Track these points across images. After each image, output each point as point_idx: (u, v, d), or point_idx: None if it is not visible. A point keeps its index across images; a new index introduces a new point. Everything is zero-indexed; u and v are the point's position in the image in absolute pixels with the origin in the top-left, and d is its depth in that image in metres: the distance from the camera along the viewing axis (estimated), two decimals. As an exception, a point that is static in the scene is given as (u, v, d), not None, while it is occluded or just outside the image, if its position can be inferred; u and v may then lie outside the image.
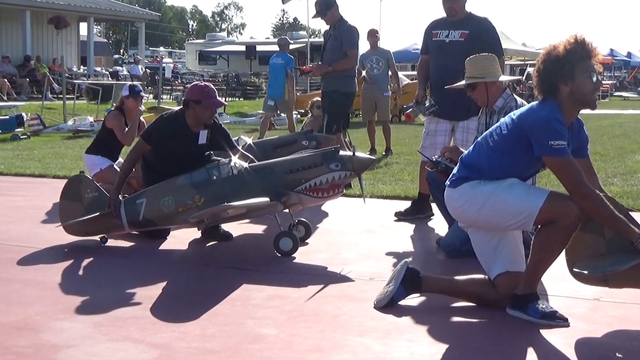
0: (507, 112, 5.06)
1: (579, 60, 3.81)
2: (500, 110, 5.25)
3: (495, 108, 5.29)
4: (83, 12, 30.46)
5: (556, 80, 3.82)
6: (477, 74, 5.25)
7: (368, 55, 12.27)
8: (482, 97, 5.29)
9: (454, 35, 6.39)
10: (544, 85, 3.88)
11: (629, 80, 44.01)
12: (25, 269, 5.17)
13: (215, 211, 5.19)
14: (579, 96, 3.82)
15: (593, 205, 3.72)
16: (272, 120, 18.45)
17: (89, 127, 15.46)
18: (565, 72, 3.80)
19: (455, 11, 6.41)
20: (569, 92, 3.81)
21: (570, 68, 3.80)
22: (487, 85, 5.23)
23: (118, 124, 7.19)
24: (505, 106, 5.24)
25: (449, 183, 4.14)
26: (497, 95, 5.27)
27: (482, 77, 5.22)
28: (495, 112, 5.29)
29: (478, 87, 5.26)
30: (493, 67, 5.28)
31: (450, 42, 6.39)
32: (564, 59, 3.82)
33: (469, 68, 5.33)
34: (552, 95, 3.85)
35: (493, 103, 5.28)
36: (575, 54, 3.82)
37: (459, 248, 5.21)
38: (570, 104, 3.84)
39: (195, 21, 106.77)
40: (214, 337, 3.73)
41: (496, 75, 5.25)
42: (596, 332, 3.81)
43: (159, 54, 52.21)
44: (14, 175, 9.78)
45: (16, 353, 3.50)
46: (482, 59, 5.34)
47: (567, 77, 3.80)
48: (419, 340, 3.69)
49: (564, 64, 3.81)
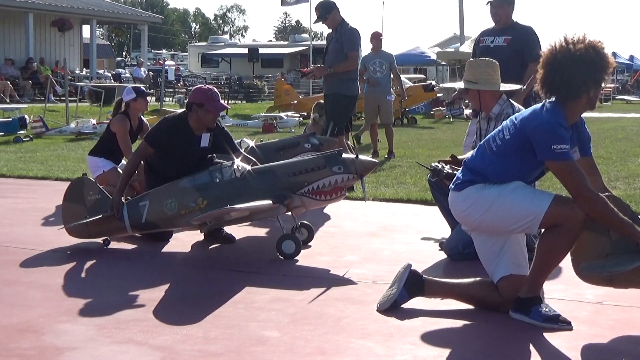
0: (504, 118, 5.08)
1: (604, 67, 3.80)
2: (497, 116, 5.29)
3: (491, 115, 5.33)
4: (86, 15, 30.51)
5: (587, 87, 3.77)
6: (472, 79, 5.29)
7: (371, 58, 12.27)
8: (474, 102, 5.39)
9: (498, 40, 6.89)
10: (566, 88, 3.79)
11: (631, 83, 43.96)
12: (28, 271, 5.18)
13: (218, 214, 5.19)
14: (593, 103, 3.83)
15: (597, 209, 3.72)
16: (275, 123, 18.50)
17: (91, 129, 15.48)
18: (597, 78, 3.79)
19: (500, 17, 6.91)
20: (588, 98, 3.81)
21: (601, 75, 3.79)
22: (479, 92, 5.28)
23: (122, 129, 7.19)
24: (501, 113, 5.28)
25: (453, 186, 4.14)
26: (491, 102, 5.31)
27: (475, 83, 5.26)
28: (492, 118, 5.33)
29: (470, 91, 5.35)
30: (489, 74, 5.28)
31: (494, 47, 6.83)
32: (596, 67, 3.78)
33: (466, 71, 5.39)
34: (573, 100, 3.81)
35: (487, 109, 5.33)
36: (603, 60, 3.80)
37: (462, 251, 5.22)
38: (580, 108, 3.84)
39: (197, 24, 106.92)
40: (216, 339, 3.73)
41: (489, 83, 5.27)
42: (599, 336, 3.80)
43: (161, 57, 52.28)
44: (16, 178, 9.78)
45: (19, 355, 3.50)
46: (480, 64, 5.38)
47: (597, 84, 3.79)
48: (422, 343, 3.69)
49: (596, 71, 3.78)
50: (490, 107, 5.32)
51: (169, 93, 28.87)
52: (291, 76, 34.38)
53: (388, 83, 12.39)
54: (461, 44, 30.79)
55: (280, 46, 47.08)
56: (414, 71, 37.81)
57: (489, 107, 5.32)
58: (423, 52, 35.62)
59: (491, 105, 5.31)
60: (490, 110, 5.33)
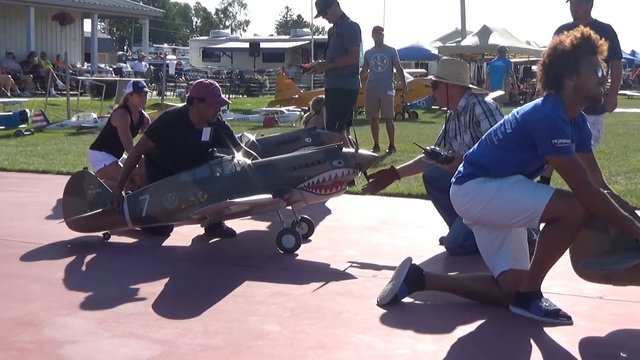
0: (470, 109, 5.36)
1: (584, 55, 3.82)
2: (464, 109, 5.44)
3: (459, 109, 5.46)
4: (87, 9, 30.49)
5: (561, 75, 3.83)
6: (442, 75, 5.45)
7: (372, 52, 12.25)
8: (442, 97, 5.48)
9: None
10: (549, 80, 3.88)
11: (632, 78, 43.89)
12: (28, 264, 5.18)
13: (218, 208, 5.19)
14: (584, 91, 3.82)
15: (597, 204, 3.72)
16: (276, 118, 18.49)
17: (92, 123, 15.47)
18: (570, 66, 3.81)
19: (579, 14, 6.88)
20: (573, 87, 3.82)
21: (576, 62, 3.81)
22: (447, 87, 5.40)
23: (123, 123, 7.18)
24: (467, 105, 5.43)
25: (454, 180, 4.14)
26: (457, 98, 5.44)
27: (443, 78, 5.41)
28: (460, 113, 5.46)
29: (439, 87, 5.46)
30: (459, 72, 5.45)
31: None
32: (570, 53, 3.82)
33: (437, 68, 5.62)
34: (557, 89, 3.85)
35: (454, 105, 5.46)
36: (581, 48, 3.82)
37: (463, 243, 5.21)
38: (575, 99, 3.84)
39: (199, 18, 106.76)
40: (217, 333, 3.73)
41: (457, 79, 5.41)
42: (599, 331, 3.80)
43: (162, 51, 52.18)
44: (17, 172, 9.78)
45: (19, 349, 3.51)
46: (452, 62, 5.61)
47: (573, 72, 3.81)
48: (422, 338, 3.69)
49: (570, 58, 3.82)
50: (457, 102, 5.45)
51: (170, 87, 28.85)
52: (292, 70, 34.34)
53: (389, 78, 12.37)
54: (463, 38, 30.79)
55: (282, 40, 47.04)
56: (415, 66, 37.74)
57: (456, 101, 5.45)
58: (424, 46, 35.60)
59: (458, 99, 5.44)
60: (457, 104, 5.45)
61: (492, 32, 28.19)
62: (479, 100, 5.39)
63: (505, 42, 24.90)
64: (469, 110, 5.38)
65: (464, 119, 5.41)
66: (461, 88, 5.43)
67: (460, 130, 5.43)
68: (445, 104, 5.50)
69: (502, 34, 28.58)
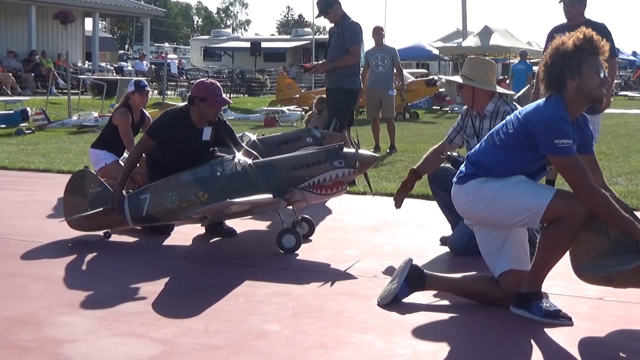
0: (501, 115, 5.25)
1: (587, 56, 3.82)
2: (491, 114, 5.38)
3: (485, 112, 5.41)
4: (88, 8, 30.50)
5: (563, 75, 3.83)
6: (469, 75, 5.39)
7: (373, 52, 12.25)
8: (467, 98, 5.43)
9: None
10: (551, 80, 3.89)
11: (633, 79, 43.88)
12: (29, 263, 5.18)
13: (219, 207, 5.19)
14: (585, 92, 3.83)
15: (599, 205, 3.72)
16: (277, 117, 18.50)
17: (93, 122, 15.49)
18: (572, 67, 3.81)
19: (572, 15, 6.87)
20: (575, 88, 3.82)
21: (578, 63, 3.81)
22: (474, 89, 5.35)
23: (124, 122, 7.18)
24: (495, 110, 5.37)
25: (456, 180, 4.14)
26: (484, 100, 5.38)
27: (472, 80, 5.35)
28: (486, 116, 5.41)
29: (465, 87, 5.41)
30: (486, 73, 5.38)
31: None
32: (572, 54, 3.83)
33: (464, 67, 5.50)
34: (559, 90, 3.85)
35: (480, 107, 5.41)
36: (584, 49, 3.82)
37: (467, 244, 5.20)
38: (577, 99, 3.85)
39: (200, 17, 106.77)
40: (217, 333, 3.73)
41: (486, 83, 5.35)
42: (600, 332, 3.80)
43: (163, 50, 52.18)
44: (18, 170, 9.78)
45: (20, 347, 3.51)
46: (480, 62, 5.50)
47: (575, 72, 3.81)
48: (423, 338, 3.69)
49: (572, 59, 3.82)
50: (483, 105, 5.40)
51: (171, 86, 28.87)
52: (293, 70, 34.34)
53: (390, 78, 12.37)
54: (464, 38, 30.75)
55: (283, 40, 47.08)
56: (416, 66, 37.74)
57: (482, 105, 5.40)
58: (425, 46, 35.58)
59: (484, 103, 5.39)
60: (483, 108, 5.40)
61: (493, 33, 28.17)
62: (512, 109, 5.25)
63: (506, 43, 24.89)
64: (497, 116, 5.28)
65: (489, 123, 5.32)
66: (488, 92, 5.38)
67: (484, 133, 5.37)
68: (471, 104, 5.44)
69: (503, 35, 28.56)
